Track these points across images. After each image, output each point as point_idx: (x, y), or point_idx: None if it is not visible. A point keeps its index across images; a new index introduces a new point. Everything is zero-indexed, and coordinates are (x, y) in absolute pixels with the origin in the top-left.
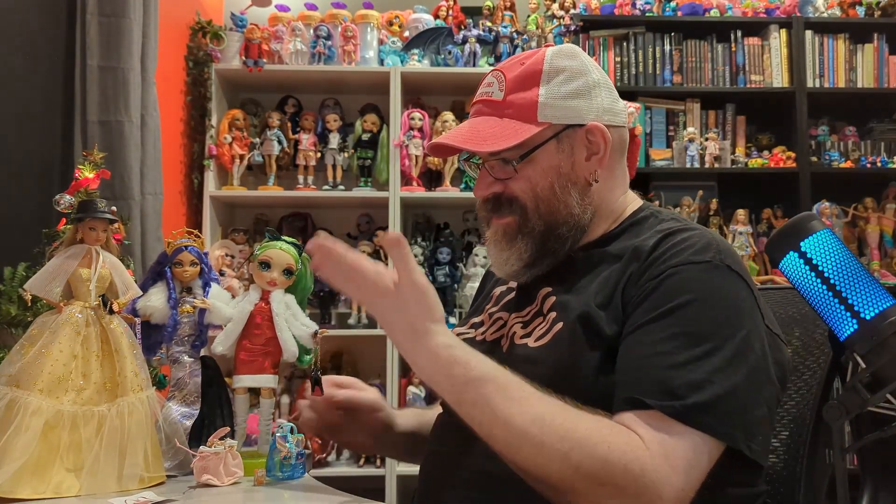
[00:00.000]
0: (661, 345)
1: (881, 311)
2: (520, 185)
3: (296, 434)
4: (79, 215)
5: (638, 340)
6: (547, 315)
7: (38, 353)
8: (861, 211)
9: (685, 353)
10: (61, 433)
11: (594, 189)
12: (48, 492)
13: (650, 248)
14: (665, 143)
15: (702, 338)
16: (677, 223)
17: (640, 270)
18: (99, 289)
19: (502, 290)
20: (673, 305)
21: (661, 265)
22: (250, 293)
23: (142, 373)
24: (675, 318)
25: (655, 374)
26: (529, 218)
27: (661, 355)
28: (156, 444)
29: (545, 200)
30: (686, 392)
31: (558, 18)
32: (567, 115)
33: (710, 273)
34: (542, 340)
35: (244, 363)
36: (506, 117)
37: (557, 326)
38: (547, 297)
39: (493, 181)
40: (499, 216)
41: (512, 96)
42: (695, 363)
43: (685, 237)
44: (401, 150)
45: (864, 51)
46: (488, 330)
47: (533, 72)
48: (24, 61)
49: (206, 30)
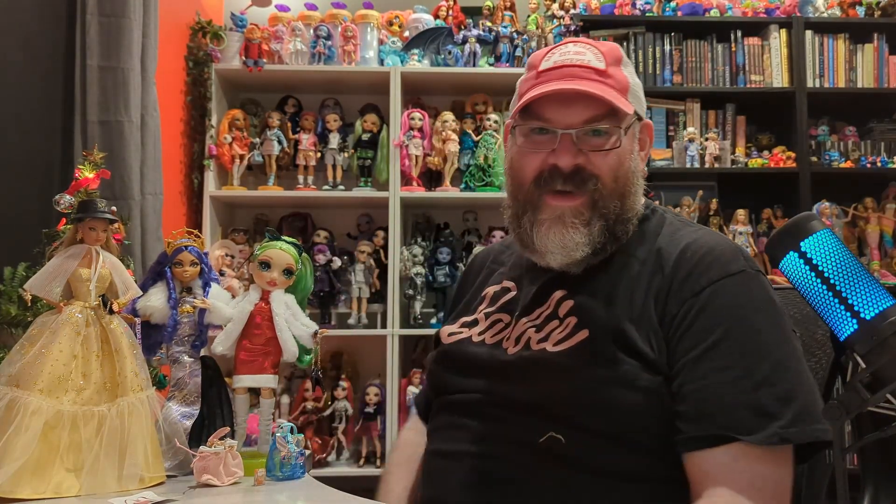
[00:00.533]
0: (734, 369)
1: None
2: (607, 162)
3: (296, 434)
4: (79, 215)
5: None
6: (565, 319)
7: (38, 353)
8: (861, 211)
9: (763, 368)
10: (61, 433)
11: (641, 184)
12: (48, 492)
13: (674, 259)
14: (665, 143)
15: (769, 349)
16: (684, 225)
17: (674, 286)
18: (99, 289)
19: (496, 289)
20: (729, 326)
21: (699, 280)
22: (250, 293)
23: (142, 373)
24: (736, 338)
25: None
26: (606, 197)
27: (741, 379)
28: (156, 444)
29: (623, 182)
30: (780, 408)
31: (558, 18)
32: (639, 106)
33: (749, 283)
34: (563, 345)
35: (244, 363)
36: (609, 87)
37: (582, 335)
38: (563, 300)
39: (578, 152)
40: (570, 195)
41: (611, 69)
42: (776, 375)
43: (709, 247)
44: (401, 150)
45: (864, 51)
46: (487, 332)
47: (618, 55)
48: (24, 61)
49: (206, 30)
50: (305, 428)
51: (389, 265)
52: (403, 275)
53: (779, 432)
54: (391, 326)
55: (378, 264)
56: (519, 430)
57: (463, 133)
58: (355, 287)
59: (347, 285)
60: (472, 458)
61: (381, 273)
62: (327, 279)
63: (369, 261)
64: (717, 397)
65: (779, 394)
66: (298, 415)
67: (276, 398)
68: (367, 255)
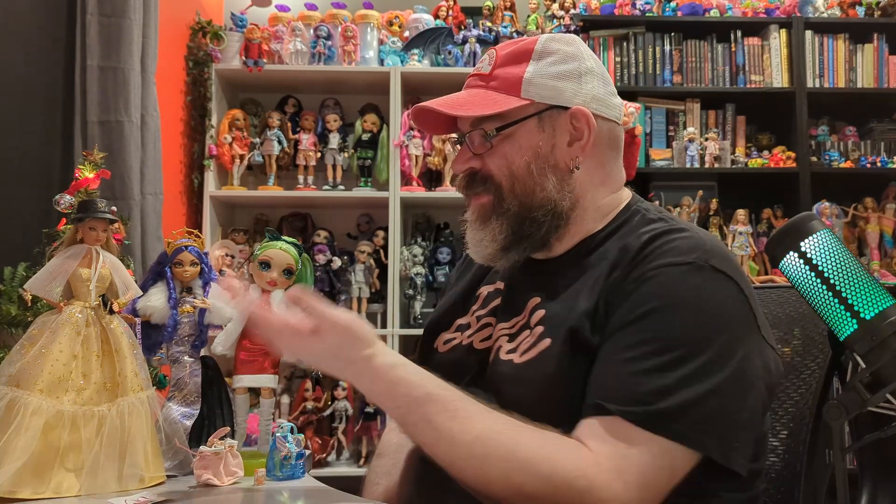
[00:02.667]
0: (630, 351)
1: (881, 311)
2: (496, 162)
3: (296, 434)
4: (79, 215)
5: (610, 347)
6: (534, 328)
7: (39, 353)
8: (861, 211)
9: (655, 359)
10: (61, 433)
11: (576, 177)
12: (48, 492)
13: (636, 250)
14: (665, 143)
15: (674, 343)
16: (665, 223)
17: (623, 274)
18: (99, 289)
19: (490, 290)
20: (647, 310)
21: (643, 268)
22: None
23: (142, 373)
24: (647, 323)
25: (622, 381)
26: (504, 197)
27: (629, 361)
28: (156, 444)
29: (520, 180)
30: (652, 398)
31: (558, 18)
32: (552, 96)
33: (690, 275)
34: (527, 356)
35: (244, 363)
36: (489, 89)
37: (545, 343)
38: (535, 309)
39: (471, 156)
40: (475, 195)
41: (499, 70)
42: (664, 370)
43: (672, 238)
44: (401, 150)
45: (864, 51)
46: (475, 335)
47: (525, 50)
48: (24, 61)
49: (206, 30)
50: (305, 428)
51: (389, 265)
52: (403, 275)
53: (637, 412)
54: (391, 326)
55: (378, 264)
56: None
57: None
58: (355, 287)
59: (347, 285)
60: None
61: (381, 273)
62: (327, 279)
63: (369, 261)
64: (605, 370)
65: (660, 387)
66: (298, 415)
67: (276, 398)
68: (367, 255)
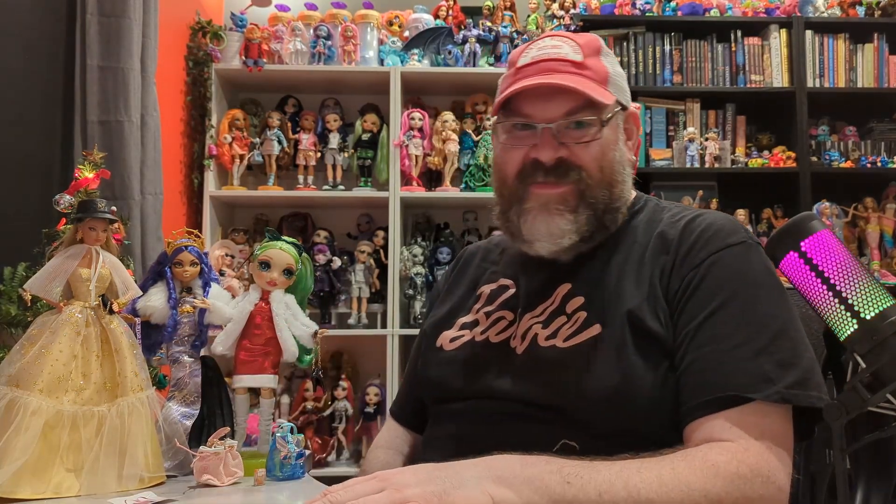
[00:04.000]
0: (733, 338)
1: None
2: (590, 153)
3: (296, 434)
4: (79, 215)
5: (706, 338)
6: (573, 315)
7: (38, 353)
8: (861, 211)
9: (761, 338)
10: (61, 433)
11: (630, 173)
12: (48, 492)
13: (677, 237)
14: (665, 143)
15: (769, 319)
16: (683, 209)
17: (677, 262)
18: (99, 289)
19: (493, 287)
20: (728, 295)
21: (700, 253)
22: (250, 293)
23: (142, 373)
24: (735, 307)
25: (744, 366)
26: (593, 187)
27: (738, 347)
28: (156, 444)
29: (609, 172)
30: (781, 373)
31: (558, 18)
32: (623, 96)
33: (749, 254)
34: (573, 341)
35: (244, 363)
36: (587, 78)
37: (594, 329)
38: (569, 295)
39: (559, 146)
40: (556, 184)
41: (589, 60)
42: (775, 344)
43: (708, 221)
44: (401, 150)
45: (864, 51)
46: (489, 330)
47: (596, 45)
48: (24, 61)
49: (206, 30)
50: (305, 428)
51: (389, 265)
52: (403, 275)
53: (781, 391)
54: (391, 326)
55: (378, 264)
56: (530, 437)
57: (463, 133)
58: (355, 287)
59: (347, 285)
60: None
61: (381, 273)
62: (327, 279)
63: (369, 261)
64: (716, 364)
65: (779, 361)
66: (298, 415)
67: (276, 398)
68: (367, 255)
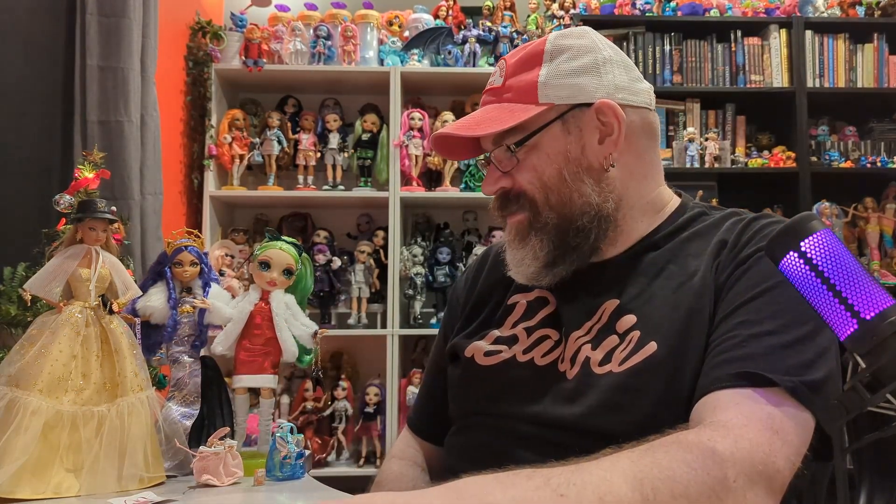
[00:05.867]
0: (763, 325)
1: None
2: (525, 176)
3: (296, 434)
4: (79, 215)
5: (737, 323)
6: (627, 334)
7: (38, 353)
8: (861, 211)
9: (794, 332)
10: (61, 433)
11: (614, 175)
12: (48, 492)
13: (733, 239)
14: (665, 143)
15: (804, 317)
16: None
17: (729, 258)
18: (99, 289)
19: (528, 299)
20: (771, 284)
21: (750, 248)
22: (250, 293)
23: (142, 373)
24: (773, 297)
25: (766, 354)
26: (540, 211)
27: (766, 335)
28: (156, 444)
29: (555, 190)
30: (801, 370)
31: (558, 18)
32: (572, 94)
33: None
34: (629, 363)
35: (244, 363)
36: (504, 101)
37: (650, 348)
38: (618, 312)
39: (500, 176)
40: (510, 214)
41: (511, 80)
42: (803, 344)
43: (768, 222)
44: (401, 150)
45: (864, 51)
46: (534, 350)
47: (535, 53)
48: (24, 61)
49: (206, 30)
50: (305, 428)
51: (389, 265)
52: (403, 275)
53: (798, 383)
54: (391, 326)
55: (378, 264)
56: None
57: None
58: (355, 287)
59: (347, 285)
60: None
61: (381, 273)
62: (327, 279)
63: (369, 261)
64: (738, 347)
65: (802, 361)
66: (298, 415)
67: (276, 398)
68: (367, 255)
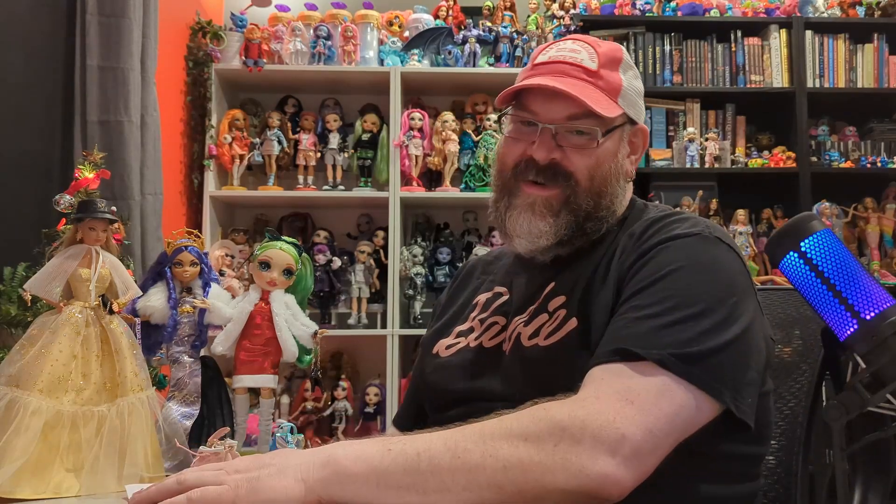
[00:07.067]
0: (651, 308)
1: (881, 311)
2: (584, 161)
3: (296, 434)
4: (79, 215)
5: (630, 306)
6: (555, 312)
7: (38, 353)
8: (861, 211)
9: (676, 314)
10: (61, 433)
11: (628, 187)
12: (48, 492)
13: (639, 233)
14: (665, 143)
15: (692, 301)
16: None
17: (635, 256)
18: (99, 289)
19: (488, 296)
20: (663, 273)
21: (651, 241)
22: (250, 293)
23: (142, 373)
24: (664, 284)
25: (645, 331)
26: (580, 195)
27: (651, 318)
28: (156, 444)
29: (599, 183)
30: (677, 346)
31: (558, 18)
32: (636, 113)
33: (700, 243)
34: (553, 338)
35: (244, 363)
36: (598, 88)
37: (571, 324)
38: (552, 294)
39: (555, 147)
40: (544, 186)
41: (604, 70)
42: (684, 323)
43: (675, 219)
44: (401, 150)
45: (864, 51)
46: (483, 336)
47: (615, 57)
48: (24, 61)
49: (206, 30)
50: (305, 428)
51: (389, 265)
52: (403, 275)
53: (666, 356)
54: (391, 326)
55: (378, 264)
56: None
57: (463, 133)
58: (355, 287)
59: (347, 285)
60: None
61: (381, 273)
62: (327, 279)
63: (369, 261)
64: (623, 328)
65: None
66: (298, 415)
67: (276, 398)
68: (367, 255)
